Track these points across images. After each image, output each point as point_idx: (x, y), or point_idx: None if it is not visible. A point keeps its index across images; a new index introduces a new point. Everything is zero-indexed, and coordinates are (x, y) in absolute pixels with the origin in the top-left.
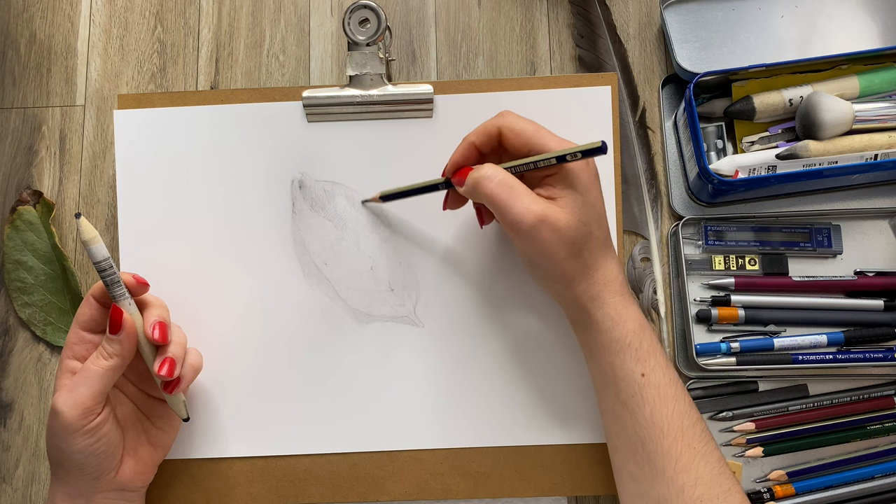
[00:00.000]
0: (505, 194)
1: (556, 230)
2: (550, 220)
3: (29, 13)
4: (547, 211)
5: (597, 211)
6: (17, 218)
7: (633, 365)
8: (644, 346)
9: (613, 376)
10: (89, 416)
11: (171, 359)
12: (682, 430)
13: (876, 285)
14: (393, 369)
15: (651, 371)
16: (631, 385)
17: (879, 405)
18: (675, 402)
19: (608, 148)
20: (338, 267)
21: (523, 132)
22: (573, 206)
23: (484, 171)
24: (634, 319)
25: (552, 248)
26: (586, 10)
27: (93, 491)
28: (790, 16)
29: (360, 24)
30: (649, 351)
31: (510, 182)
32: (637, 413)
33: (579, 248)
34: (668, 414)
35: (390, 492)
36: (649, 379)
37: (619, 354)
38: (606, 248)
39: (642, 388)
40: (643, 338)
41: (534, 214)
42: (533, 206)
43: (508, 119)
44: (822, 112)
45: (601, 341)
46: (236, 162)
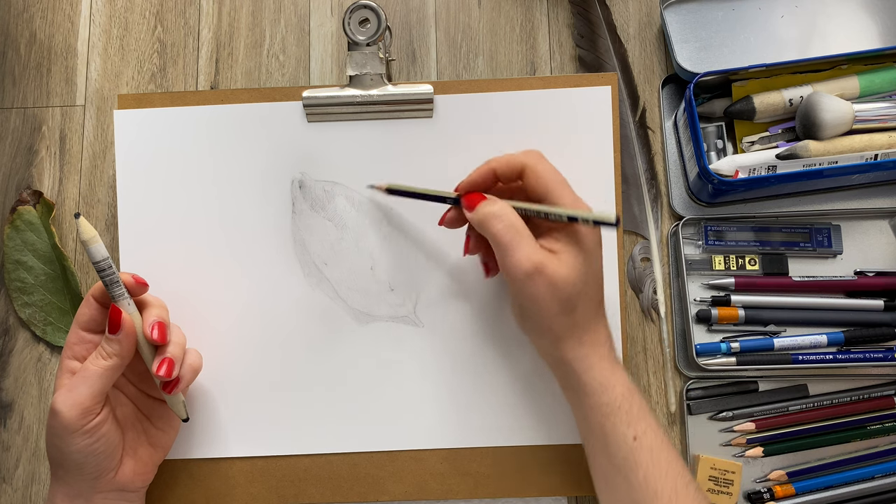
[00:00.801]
0: (509, 237)
1: (552, 283)
2: (548, 272)
3: (29, 13)
4: (546, 262)
5: (595, 274)
6: (17, 218)
7: (624, 428)
8: (634, 410)
9: (605, 439)
10: (88, 416)
11: (170, 359)
12: (676, 491)
13: (876, 285)
14: (393, 369)
15: (643, 434)
16: (623, 448)
17: (879, 405)
18: (668, 465)
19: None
20: (338, 267)
21: (545, 178)
22: (573, 263)
23: (495, 207)
24: (623, 383)
25: (545, 301)
26: (586, 10)
27: (92, 491)
28: (790, 16)
29: (360, 24)
30: (640, 414)
31: (517, 226)
32: (630, 476)
33: (573, 305)
34: (661, 476)
35: (390, 492)
36: (642, 442)
37: (609, 418)
38: (599, 311)
39: (635, 452)
40: (633, 401)
41: (532, 263)
42: (533, 255)
43: (535, 160)
44: (822, 112)
45: (590, 404)
46: (236, 162)
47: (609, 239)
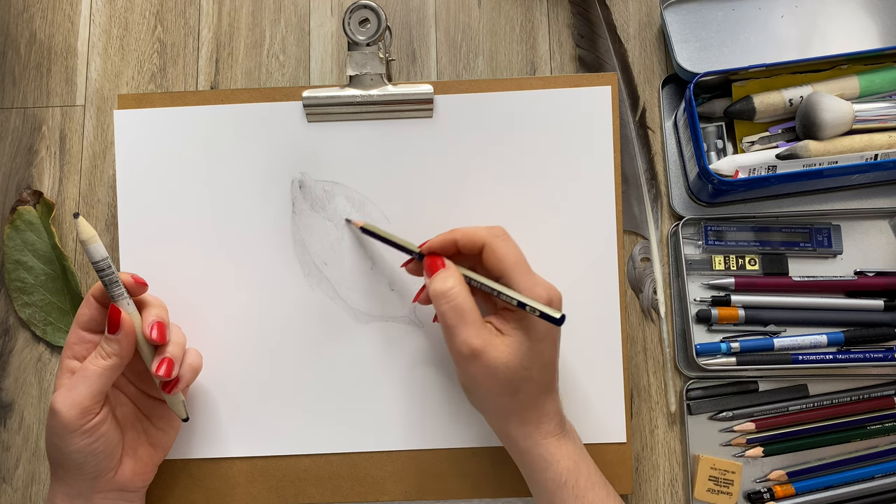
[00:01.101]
0: (454, 320)
1: (490, 368)
2: (486, 358)
3: (29, 13)
4: (486, 348)
5: (543, 359)
6: (17, 218)
7: (571, 502)
8: (581, 483)
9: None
10: (87, 416)
11: (169, 359)
12: None
13: (876, 285)
14: (393, 369)
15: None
16: None
17: (879, 405)
18: None
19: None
20: (338, 267)
21: (503, 259)
22: (517, 348)
23: (446, 285)
24: (569, 457)
25: (484, 383)
26: (586, 10)
27: (92, 491)
28: (790, 16)
29: (360, 24)
30: (587, 486)
31: (463, 308)
32: None
33: (515, 388)
34: None
35: (390, 492)
36: None
37: (556, 493)
38: (547, 391)
39: None
40: (579, 474)
41: (470, 348)
42: (473, 339)
43: (496, 238)
44: (822, 112)
45: (536, 479)
46: (236, 162)
47: (609, 239)
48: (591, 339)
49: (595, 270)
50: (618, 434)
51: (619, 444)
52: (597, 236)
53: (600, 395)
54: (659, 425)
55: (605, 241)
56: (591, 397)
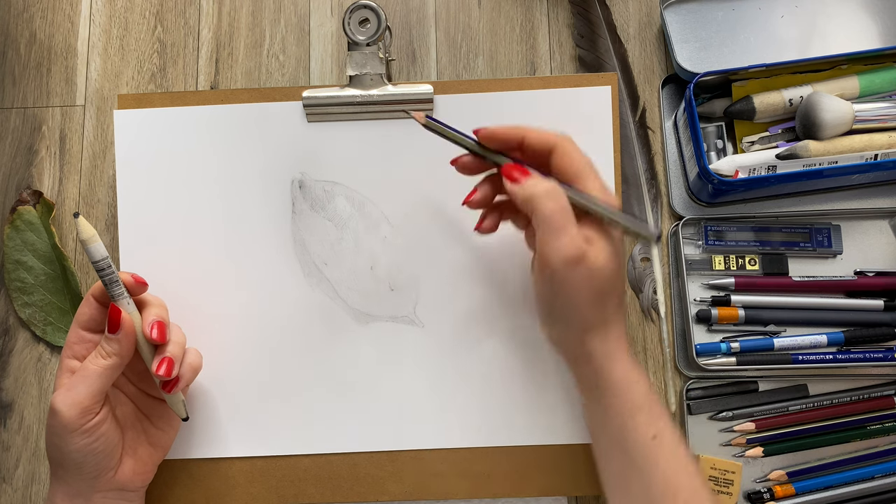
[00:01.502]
0: (563, 219)
1: (591, 273)
2: (589, 261)
3: (29, 13)
4: (589, 252)
5: (622, 269)
6: (17, 218)
7: (645, 427)
8: (655, 408)
9: (624, 440)
10: (87, 416)
11: (170, 358)
12: (694, 489)
13: (876, 285)
14: (393, 369)
15: (661, 433)
16: (644, 447)
17: (879, 405)
18: (686, 463)
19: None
20: (338, 267)
21: (578, 161)
22: (609, 254)
23: (549, 185)
24: (646, 381)
25: (581, 290)
26: (586, 10)
27: (92, 491)
28: (790, 16)
29: (360, 24)
30: (660, 412)
31: (569, 209)
32: (649, 475)
33: (605, 297)
34: (680, 474)
35: (390, 492)
36: (661, 440)
37: (633, 417)
38: (622, 309)
39: (654, 452)
40: (654, 399)
41: (577, 250)
42: (580, 241)
43: (568, 142)
44: (822, 112)
45: (612, 402)
46: (236, 162)
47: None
48: None
49: None
50: None
51: None
52: None
53: None
54: None
55: None
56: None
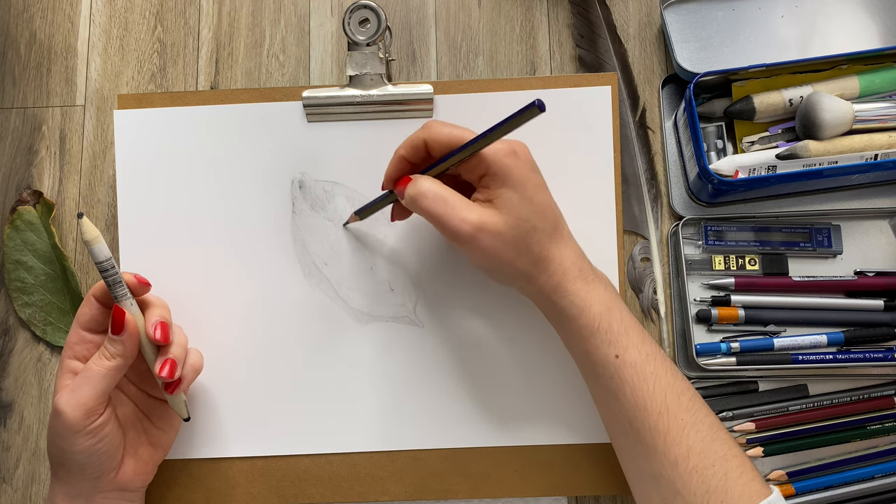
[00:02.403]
0: (440, 209)
1: (496, 234)
2: (488, 226)
3: (29, 13)
4: (483, 217)
5: (537, 204)
6: (17, 218)
7: (605, 348)
8: (614, 328)
9: (590, 362)
10: (92, 417)
11: (172, 360)
12: (665, 404)
13: (876, 285)
14: (393, 369)
15: (624, 351)
16: (608, 368)
17: (879, 405)
18: (654, 378)
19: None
20: (338, 267)
21: (446, 138)
22: (509, 204)
23: (419, 186)
24: (600, 302)
25: (497, 252)
26: (586, 10)
27: (93, 491)
28: (790, 16)
29: (360, 24)
30: (619, 331)
31: (444, 195)
32: (619, 394)
33: (526, 244)
34: (648, 391)
35: (390, 492)
36: (624, 359)
37: (589, 340)
38: (557, 237)
39: (619, 370)
40: (611, 319)
41: (470, 225)
42: (469, 215)
43: (433, 129)
44: (822, 112)
45: (571, 329)
46: (236, 162)
47: (609, 239)
48: None
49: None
50: None
51: None
52: (597, 236)
53: None
54: None
55: (605, 241)
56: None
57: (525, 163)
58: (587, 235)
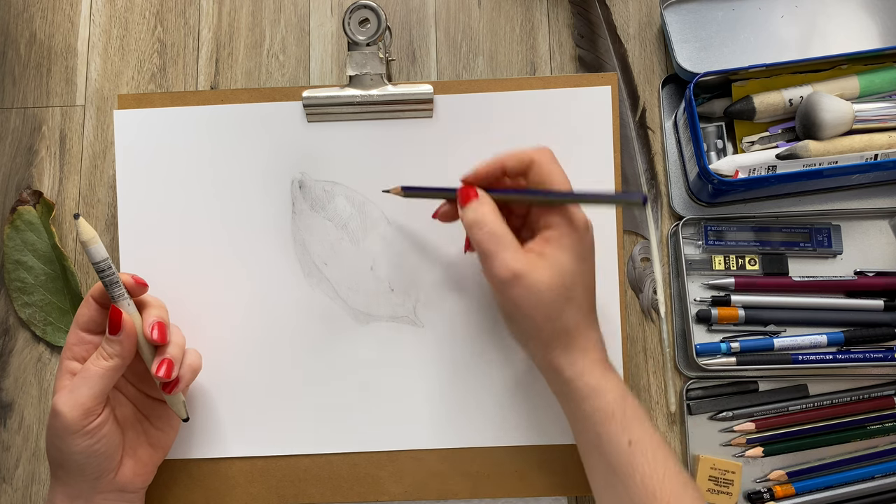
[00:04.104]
0: (491, 245)
1: (533, 290)
2: (527, 279)
3: (29, 13)
4: (527, 269)
5: (584, 280)
6: (17, 218)
7: (619, 434)
8: (628, 413)
9: (600, 445)
10: (90, 417)
11: (169, 360)
12: (674, 493)
13: (876, 285)
14: (393, 369)
15: (638, 439)
16: (620, 453)
17: (879, 405)
18: (664, 467)
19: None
20: (338, 267)
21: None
22: (559, 268)
23: (478, 213)
24: (615, 388)
25: (527, 308)
26: (586, 10)
27: (92, 492)
28: (790, 16)
29: (360, 24)
30: (633, 417)
31: (498, 233)
32: (628, 480)
33: (558, 311)
34: (659, 479)
35: (390, 492)
36: (637, 446)
37: (604, 424)
38: (589, 317)
39: (631, 456)
40: (626, 405)
41: (510, 271)
42: (512, 262)
43: (545, 158)
44: (822, 112)
45: (584, 409)
46: (236, 162)
47: (609, 239)
48: None
49: (595, 270)
50: None
51: None
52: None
53: None
54: (659, 425)
55: (605, 241)
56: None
57: (591, 241)
58: None
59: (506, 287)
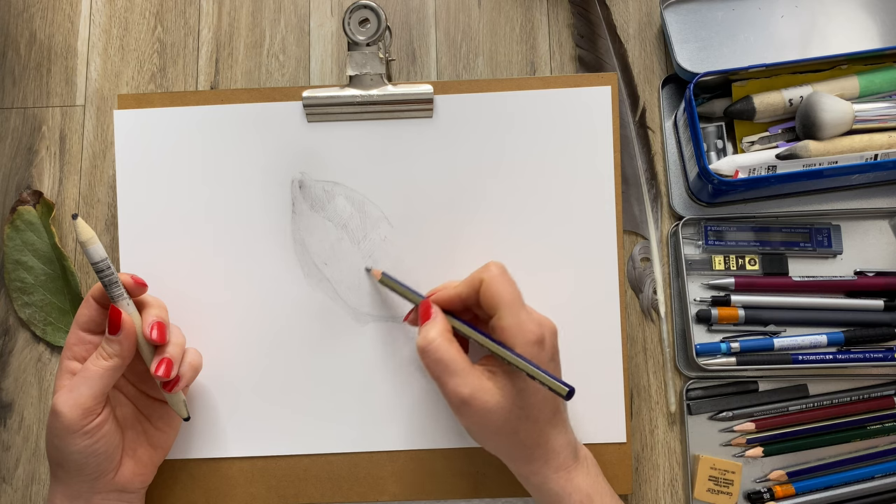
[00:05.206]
0: (437, 373)
1: (483, 413)
2: (477, 404)
3: (29, 13)
4: (476, 394)
5: (540, 396)
6: (17, 218)
7: None
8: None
9: None
10: (89, 417)
11: (169, 359)
12: None
13: (876, 285)
14: (393, 369)
15: None
16: None
17: (879, 405)
18: None
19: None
20: (338, 267)
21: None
22: (511, 389)
23: (429, 338)
24: (579, 490)
25: (482, 428)
26: (586, 10)
27: (92, 492)
28: (790, 16)
29: (360, 24)
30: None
31: (444, 361)
32: None
33: (512, 430)
34: None
35: (390, 492)
36: None
37: None
38: (551, 426)
39: None
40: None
41: (459, 398)
42: (461, 388)
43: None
44: (822, 112)
45: None
46: (236, 162)
47: (609, 239)
48: (591, 339)
49: (595, 270)
50: (618, 434)
51: (619, 444)
52: (597, 236)
53: (600, 395)
54: (659, 425)
55: (605, 241)
56: (591, 397)
57: (547, 352)
58: (587, 235)
59: (457, 411)
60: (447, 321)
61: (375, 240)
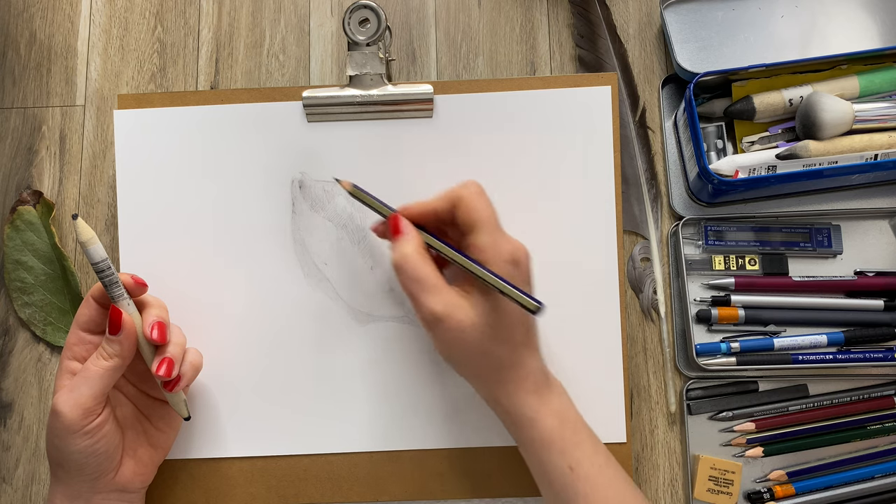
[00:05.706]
0: (412, 288)
1: (456, 331)
2: (449, 321)
3: (29, 13)
4: (448, 311)
5: (513, 317)
6: (17, 218)
7: (558, 460)
8: (567, 438)
9: (543, 471)
10: (90, 417)
11: (169, 359)
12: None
13: (876, 285)
14: (393, 369)
15: (578, 464)
16: (561, 479)
17: (879, 405)
18: (606, 490)
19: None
20: (338, 267)
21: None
22: (485, 307)
23: (403, 252)
24: (553, 413)
25: (455, 347)
26: (586, 10)
27: (92, 492)
28: (790, 16)
29: (360, 24)
30: (573, 442)
31: (420, 276)
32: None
33: (485, 349)
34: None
35: (390, 492)
36: (577, 472)
37: (542, 451)
38: (524, 347)
39: (573, 482)
40: (564, 430)
41: (433, 315)
42: (435, 305)
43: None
44: (822, 112)
45: (524, 438)
46: (236, 162)
47: (609, 239)
48: (591, 339)
49: (595, 270)
50: (618, 434)
51: (619, 444)
52: (597, 236)
53: (600, 394)
54: (659, 425)
55: (605, 241)
56: (591, 397)
57: (522, 274)
58: (587, 235)
59: (430, 328)
60: (421, 237)
61: (375, 240)
